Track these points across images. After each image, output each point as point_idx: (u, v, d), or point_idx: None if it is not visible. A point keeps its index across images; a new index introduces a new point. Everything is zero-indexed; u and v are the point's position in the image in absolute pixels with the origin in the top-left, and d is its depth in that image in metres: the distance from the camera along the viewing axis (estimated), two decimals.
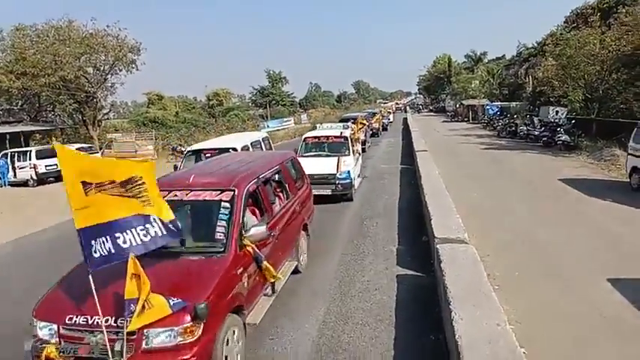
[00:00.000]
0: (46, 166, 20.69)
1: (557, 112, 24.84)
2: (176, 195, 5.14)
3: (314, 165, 11.24)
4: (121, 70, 29.23)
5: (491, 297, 4.53)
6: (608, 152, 17.02)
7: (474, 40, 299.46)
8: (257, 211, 5.87)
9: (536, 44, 41.92)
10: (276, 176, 6.80)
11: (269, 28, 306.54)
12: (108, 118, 35.77)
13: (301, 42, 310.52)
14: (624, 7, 21.91)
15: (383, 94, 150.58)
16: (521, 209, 10.52)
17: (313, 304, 6.01)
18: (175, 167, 11.17)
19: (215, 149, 10.24)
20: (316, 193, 10.56)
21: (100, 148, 27.26)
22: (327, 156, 12.45)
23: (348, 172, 11.57)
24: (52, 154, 21.28)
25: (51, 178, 21.07)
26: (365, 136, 20.83)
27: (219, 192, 5.13)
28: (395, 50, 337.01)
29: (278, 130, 46.27)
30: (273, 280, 5.39)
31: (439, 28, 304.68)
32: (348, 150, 12.89)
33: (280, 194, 6.94)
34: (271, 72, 73.49)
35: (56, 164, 21.16)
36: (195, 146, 11.72)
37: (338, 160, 11.54)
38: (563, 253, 7.62)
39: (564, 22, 33.33)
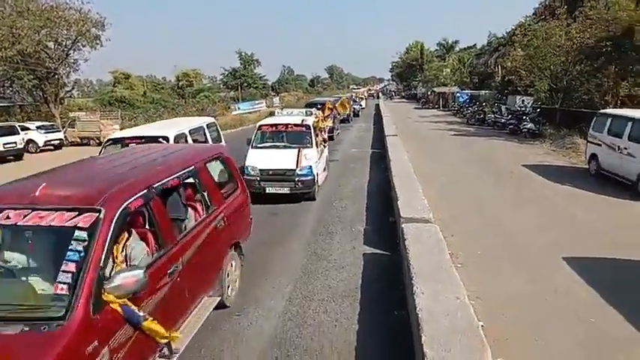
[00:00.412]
0: (4, 144, 19.77)
1: (523, 100, 25.53)
2: (9, 217, 3.30)
3: (270, 158, 10.27)
4: (84, 46, 28.06)
5: (453, 273, 4.66)
6: (570, 140, 17.66)
7: (446, 28, 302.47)
8: (151, 237, 4.07)
9: (505, 34, 42.68)
10: (191, 181, 5.00)
11: (241, 8, 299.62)
12: (71, 96, 34.39)
13: (274, 24, 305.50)
14: (589, 1, 22.56)
15: (356, 79, 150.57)
16: (487, 193, 10.82)
17: (280, 282, 6.03)
18: None
19: (141, 138, 8.17)
20: (272, 192, 9.93)
21: (63, 127, 26.23)
22: (286, 147, 10.81)
23: (310, 167, 10.17)
24: (9, 131, 20.37)
25: (10, 157, 20.20)
26: (334, 122, 20.18)
27: (75, 213, 3.26)
28: (369, 36, 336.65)
29: (250, 112, 45.64)
30: (165, 341, 3.60)
31: (412, 16, 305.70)
32: (311, 141, 11.07)
33: (195, 206, 5.07)
34: (243, 53, 72.11)
35: (15, 142, 20.27)
36: (118, 134, 9.80)
37: (298, 152, 10.30)
38: (524, 234, 7.89)
39: (533, 14, 34.00)
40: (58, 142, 24.14)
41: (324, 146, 12.64)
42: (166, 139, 8.15)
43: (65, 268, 3.02)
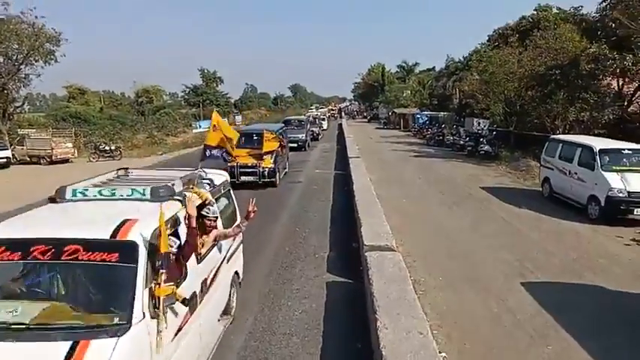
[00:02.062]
0: None
1: (479, 123, 26.51)
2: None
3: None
4: (37, 61, 26.78)
5: (416, 305, 4.63)
6: (524, 163, 18.43)
7: (407, 49, 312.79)
8: None
9: (462, 59, 44.52)
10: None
11: (202, 25, 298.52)
12: (21, 112, 32.70)
13: (237, 42, 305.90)
14: (538, 31, 23.90)
15: (320, 98, 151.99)
16: (447, 216, 11.02)
17: (240, 314, 5.80)
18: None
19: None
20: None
21: (11, 144, 24.82)
22: None
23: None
24: None
25: None
26: (280, 164, 15.24)
27: None
28: (332, 56, 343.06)
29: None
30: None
31: (375, 38, 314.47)
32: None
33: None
34: (205, 71, 71.48)
35: None
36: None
37: None
38: (484, 258, 8.04)
39: (487, 41, 35.63)
40: (4, 160, 22.79)
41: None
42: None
43: None
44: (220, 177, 5.88)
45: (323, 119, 44.25)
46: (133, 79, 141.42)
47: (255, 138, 15.08)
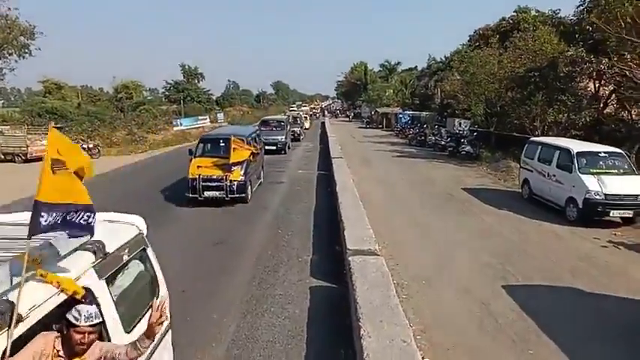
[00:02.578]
0: None
1: (460, 123, 26.83)
2: None
3: None
4: (10, 55, 26.00)
5: (399, 312, 4.62)
6: (504, 163, 18.71)
7: (389, 49, 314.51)
8: None
9: (444, 59, 44.95)
10: None
11: (183, 19, 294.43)
12: None
13: (218, 37, 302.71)
14: (518, 32, 24.28)
15: (303, 96, 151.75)
16: (429, 218, 11.09)
17: (222, 321, 5.72)
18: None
19: None
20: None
21: None
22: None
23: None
24: None
25: None
26: (252, 175, 13.06)
27: None
28: (315, 54, 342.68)
29: (194, 128, 44.37)
30: None
31: (358, 37, 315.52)
32: None
33: None
34: (186, 66, 70.40)
35: None
36: None
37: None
38: (466, 260, 8.11)
39: (469, 41, 36.05)
40: None
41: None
42: None
43: None
44: (125, 230, 3.55)
45: (305, 118, 42.80)
46: (112, 75, 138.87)
47: (221, 144, 12.72)
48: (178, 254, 7.68)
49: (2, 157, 23.42)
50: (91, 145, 25.50)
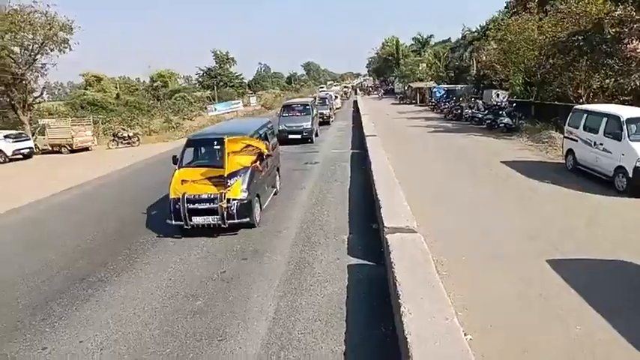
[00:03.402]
0: None
1: (498, 95, 25.85)
2: None
3: None
4: (52, 50, 27.00)
5: (439, 289, 4.57)
6: (545, 134, 17.91)
7: (421, 21, 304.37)
8: None
9: (479, 28, 43.22)
10: None
11: (213, 5, 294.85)
12: (40, 101, 33.19)
13: (248, 20, 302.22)
14: None
15: (333, 75, 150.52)
16: (468, 193, 10.82)
17: (263, 300, 5.85)
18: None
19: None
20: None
21: (33, 134, 25.31)
22: None
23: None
24: None
25: None
26: (260, 186, 9.48)
27: None
28: (345, 31, 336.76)
29: (227, 112, 45.02)
30: None
31: (388, 12, 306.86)
32: None
33: None
34: (218, 52, 71.24)
35: None
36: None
37: None
38: (507, 236, 7.88)
39: (505, 8, 34.47)
40: (27, 150, 23.30)
41: None
42: None
43: None
44: None
45: (336, 97, 39.90)
46: (147, 65, 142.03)
47: (215, 147, 9.35)
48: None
49: (50, 148, 24.63)
50: (131, 134, 26.40)
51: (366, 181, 11.71)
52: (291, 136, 19.04)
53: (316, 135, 22.20)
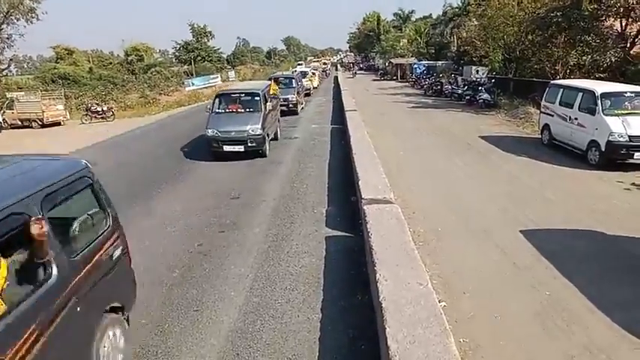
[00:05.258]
0: None
1: (477, 71, 25.98)
2: None
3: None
4: (18, 20, 25.82)
5: (415, 257, 4.59)
6: (523, 110, 18.14)
7: None
8: None
9: (460, 4, 42.95)
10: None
11: None
12: (8, 74, 31.84)
13: None
14: None
15: (314, 51, 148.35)
16: (445, 167, 10.92)
17: (239, 271, 5.82)
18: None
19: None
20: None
21: (0, 109, 24.31)
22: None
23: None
24: None
25: None
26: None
27: None
28: (326, 6, 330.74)
29: (205, 87, 44.05)
30: None
31: None
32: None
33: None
34: (195, 25, 68.99)
35: None
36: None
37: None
38: (484, 207, 8.01)
39: None
40: None
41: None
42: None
43: None
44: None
45: (313, 75, 36.31)
46: (121, 38, 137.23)
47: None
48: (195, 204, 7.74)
49: (20, 123, 23.74)
50: (105, 108, 25.59)
51: (345, 156, 11.68)
52: (227, 149, 12.05)
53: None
